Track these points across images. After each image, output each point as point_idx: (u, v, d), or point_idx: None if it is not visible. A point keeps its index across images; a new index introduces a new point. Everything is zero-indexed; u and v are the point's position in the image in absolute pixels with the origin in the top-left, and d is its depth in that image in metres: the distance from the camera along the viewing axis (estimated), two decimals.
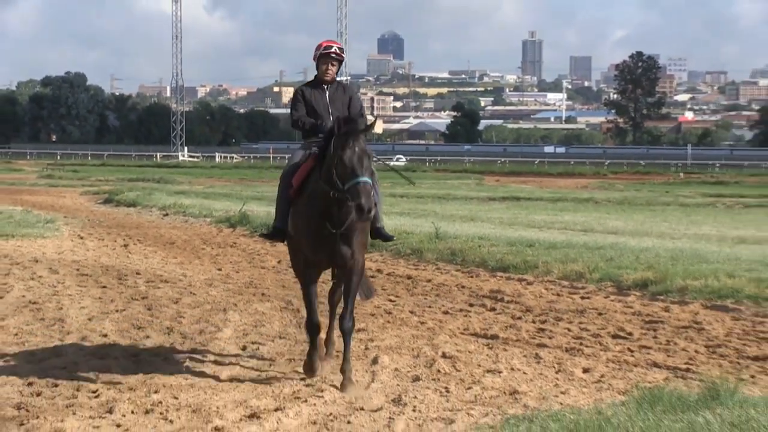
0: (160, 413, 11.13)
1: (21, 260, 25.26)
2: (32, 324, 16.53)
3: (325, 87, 12.24)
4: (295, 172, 11.95)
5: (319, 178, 11.47)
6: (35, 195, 53.73)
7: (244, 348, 14.74)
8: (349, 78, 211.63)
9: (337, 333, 13.68)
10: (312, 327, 12.27)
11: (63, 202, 48.85)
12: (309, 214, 11.49)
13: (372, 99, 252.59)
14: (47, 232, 32.59)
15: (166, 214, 40.72)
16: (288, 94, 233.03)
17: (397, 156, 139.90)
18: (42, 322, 16.80)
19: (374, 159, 11.80)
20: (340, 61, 12.36)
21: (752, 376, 13.02)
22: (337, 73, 12.37)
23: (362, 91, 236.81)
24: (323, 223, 11.30)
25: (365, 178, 10.39)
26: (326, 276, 13.52)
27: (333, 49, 12.02)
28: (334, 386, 12.09)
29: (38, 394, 11.96)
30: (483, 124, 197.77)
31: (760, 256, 24.31)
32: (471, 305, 18.48)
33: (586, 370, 13.50)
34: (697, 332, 16.07)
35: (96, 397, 11.86)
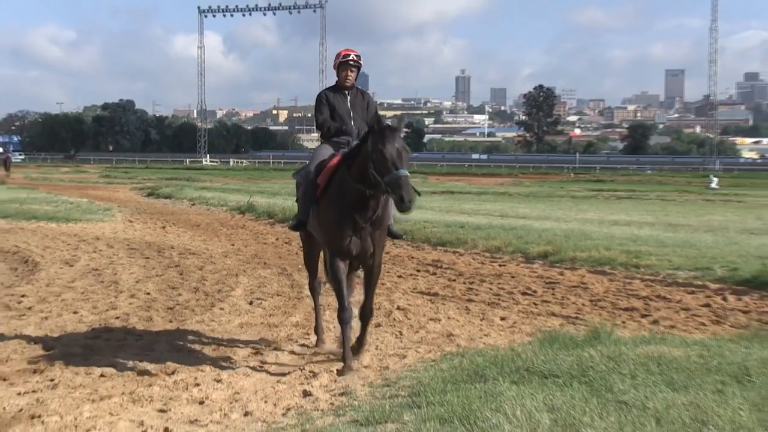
0: (189, 351, 11.12)
1: (86, 238, 25.14)
2: (94, 285, 16.46)
3: (346, 93, 10.92)
4: (321, 170, 10.48)
5: (348, 176, 9.99)
6: (96, 190, 53.40)
7: (251, 302, 14.67)
8: None
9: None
10: (345, 318, 10.23)
11: (117, 195, 48.55)
12: (339, 209, 9.97)
13: None
14: (105, 217, 32.40)
15: (193, 204, 40.49)
16: (283, 115, 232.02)
17: None
18: (101, 283, 16.74)
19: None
20: (359, 68, 10.93)
21: (623, 322, 13.11)
22: (355, 79, 11.02)
23: None
24: (353, 216, 9.86)
25: (405, 172, 9.14)
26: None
27: (351, 57, 10.70)
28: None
29: (98, 337, 11.93)
30: (427, 137, 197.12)
31: (629, 234, 24.42)
32: (418, 271, 18.50)
33: (502, 318, 13.57)
34: (584, 290, 16.12)
35: (141, 339, 11.84)
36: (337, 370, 10.16)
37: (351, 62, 10.68)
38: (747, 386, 8.53)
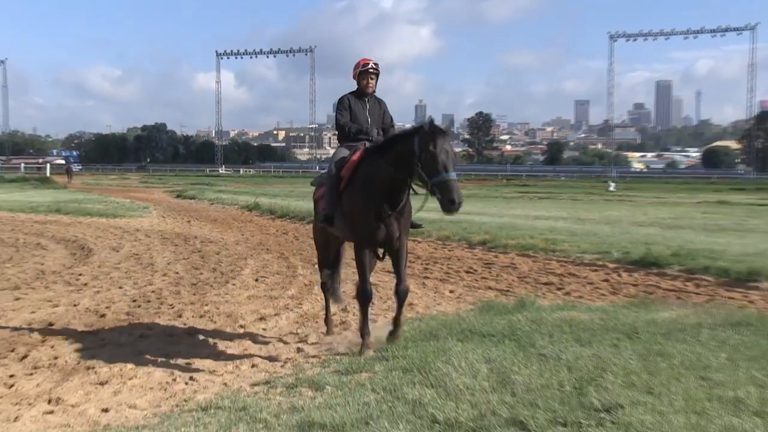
0: (209, 317, 11.11)
1: (128, 230, 25.01)
2: (135, 266, 16.38)
3: (366, 99, 9.57)
4: (343, 166, 9.10)
5: (386, 165, 8.55)
6: (136, 193, 53.25)
7: (256, 279, 14.63)
8: (320, 125, 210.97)
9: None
10: (365, 295, 9.02)
11: (152, 196, 48.36)
12: (367, 198, 8.62)
13: (333, 137, 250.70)
14: (143, 214, 32.32)
15: (212, 203, 40.34)
16: (281, 134, 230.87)
17: None
18: (140, 265, 16.66)
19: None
20: (377, 75, 9.63)
21: (543, 294, 13.04)
22: (375, 85, 9.68)
23: (317, 123, 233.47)
24: (382, 205, 8.55)
25: (454, 175, 7.93)
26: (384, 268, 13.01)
27: (370, 66, 9.49)
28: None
29: (138, 306, 11.91)
30: None
31: (547, 226, 24.45)
32: (385, 254, 18.45)
33: (451, 291, 13.60)
34: (513, 269, 16.10)
35: (172, 308, 11.80)
36: (359, 349, 8.91)
37: (371, 70, 9.52)
38: (635, 341, 8.64)
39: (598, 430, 5.79)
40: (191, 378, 8.10)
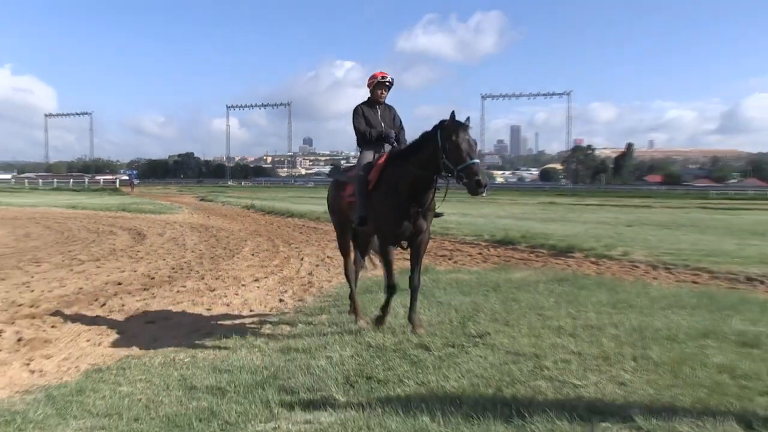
0: (222, 279, 10.96)
1: (169, 222, 24.56)
2: (173, 246, 16.11)
3: (377, 107, 7.89)
4: (370, 170, 7.39)
5: (410, 167, 6.85)
6: (174, 198, 52.57)
7: (253, 254, 14.45)
8: (294, 153, 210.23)
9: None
10: (393, 289, 7.23)
11: (184, 200, 47.73)
12: (395, 199, 6.90)
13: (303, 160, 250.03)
14: (178, 211, 31.82)
15: (223, 204, 39.86)
16: (268, 159, 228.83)
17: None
18: (177, 245, 16.37)
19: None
20: (390, 87, 7.89)
21: (440, 263, 12.87)
22: (387, 95, 7.93)
23: (293, 152, 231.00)
24: (409, 206, 6.87)
25: (477, 160, 6.46)
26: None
27: (387, 79, 7.81)
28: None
29: (175, 272, 11.70)
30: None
31: (442, 219, 24.40)
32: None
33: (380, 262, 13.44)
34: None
35: (197, 273, 11.63)
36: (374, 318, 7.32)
37: (387, 83, 7.83)
38: (498, 292, 8.70)
39: (475, 349, 5.86)
40: (210, 318, 8.06)
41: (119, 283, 10.55)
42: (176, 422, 4.44)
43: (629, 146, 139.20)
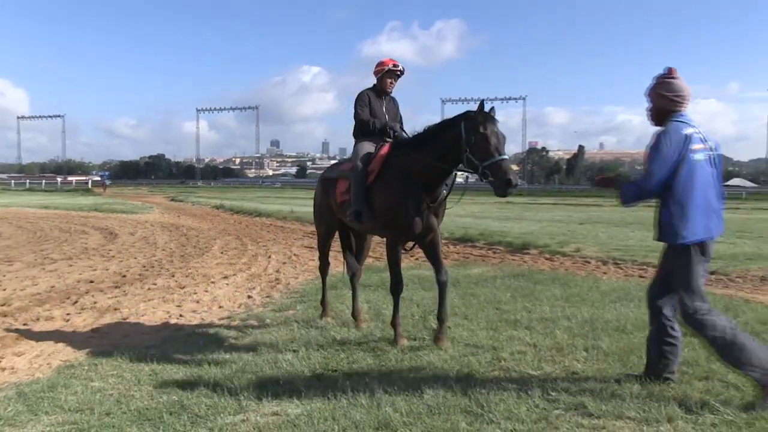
0: (192, 277, 10.84)
1: (140, 221, 24.22)
2: (145, 245, 15.90)
3: (384, 98, 6.81)
4: (371, 160, 6.36)
5: (414, 159, 5.90)
6: (145, 198, 51.90)
7: (222, 252, 14.33)
8: (262, 155, 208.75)
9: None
10: (399, 289, 6.27)
11: (155, 200, 47.13)
12: (406, 191, 5.89)
13: (271, 161, 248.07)
14: (150, 211, 31.42)
15: (193, 204, 39.48)
16: (237, 161, 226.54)
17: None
18: (148, 244, 16.15)
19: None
20: (400, 77, 6.83)
21: (401, 259, 12.89)
22: (395, 86, 6.89)
23: (260, 153, 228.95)
24: (421, 198, 5.88)
25: (506, 156, 5.43)
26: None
27: (399, 68, 6.72)
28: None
29: (147, 270, 11.53)
30: (310, 173, 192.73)
31: None
32: (304, 236, 18.27)
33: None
34: (378, 244, 16.03)
35: (168, 271, 11.49)
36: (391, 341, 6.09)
37: (398, 73, 6.77)
38: (458, 287, 8.72)
39: (433, 344, 5.88)
40: (181, 315, 7.96)
41: (91, 281, 10.37)
42: (147, 416, 4.38)
43: (581, 148, 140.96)
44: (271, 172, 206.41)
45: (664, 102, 4.64)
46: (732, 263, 11.44)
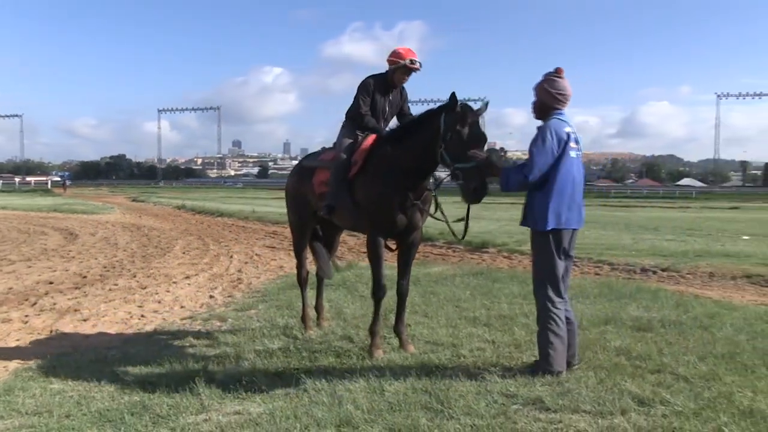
0: (153, 277, 10.69)
1: (101, 222, 23.80)
2: (106, 246, 15.63)
3: (391, 91, 5.99)
4: (354, 152, 5.75)
5: (399, 152, 5.38)
6: (106, 198, 50.93)
7: (184, 252, 14.16)
8: (223, 155, 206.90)
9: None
10: (381, 292, 5.69)
11: (117, 200, 46.31)
12: (389, 185, 5.37)
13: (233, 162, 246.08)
14: (111, 211, 30.88)
15: (155, 204, 38.89)
16: (199, 161, 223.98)
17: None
18: (109, 244, 15.88)
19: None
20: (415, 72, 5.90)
21: (363, 259, 12.84)
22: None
23: (222, 154, 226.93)
24: (406, 193, 5.38)
25: (485, 155, 4.96)
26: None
27: (417, 66, 5.79)
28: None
29: (108, 271, 11.34)
30: (271, 173, 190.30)
31: None
32: (265, 236, 18.16)
33: (309, 259, 13.36)
34: (344, 244, 15.91)
35: (129, 272, 11.32)
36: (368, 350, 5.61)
37: (415, 70, 5.85)
38: (418, 285, 8.71)
39: (396, 341, 5.87)
40: (142, 315, 7.84)
41: (50, 283, 10.16)
42: (108, 417, 4.30)
43: (501, 149, 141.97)
44: (233, 173, 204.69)
45: (548, 98, 4.89)
46: (683, 260, 11.69)
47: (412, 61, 5.77)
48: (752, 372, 4.85)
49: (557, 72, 4.90)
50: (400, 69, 5.84)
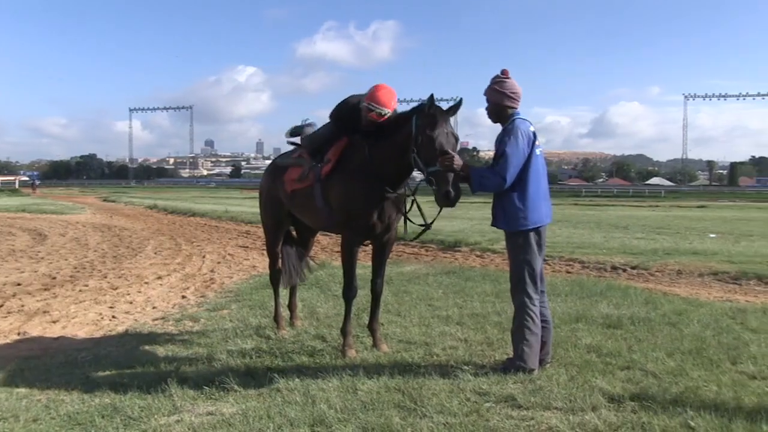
0: (125, 278, 10.57)
1: (71, 222, 23.47)
2: (76, 246, 15.42)
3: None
4: (329, 150, 5.58)
5: (374, 152, 5.23)
6: (77, 198, 50.31)
7: (155, 253, 14.02)
8: (196, 154, 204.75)
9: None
10: (352, 292, 5.61)
11: (87, 200, 45.75)
12: (366, 186, 5.22)
13: (205, 161, 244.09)
14: (81, 211, 30.51)
15: (126, 204, 38.49)
16: (171, 161, 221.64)
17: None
18: (79, 244, 15.67)
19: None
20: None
21: (336, 258, 12.79)
22: None
23: (195, 153, 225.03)
24: (382, 193, 5.22)
25: (455, 155, 4.78)
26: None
27: (385, 116, 5.24)
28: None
29: (78, 272, 11.18)
30: (244, 173, 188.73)
31: None
32: (238, 236, 18.06)
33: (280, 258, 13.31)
34: (317, 243, 15.88)
35: (100, 272, 11.17)
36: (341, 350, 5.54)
37: (379, 121, 5.26)
38: (391, 285, 8.72)
39: (369, 339, 5.86)
40: (113, 317, 7.75)
41: (18, 284, 9.99)
42: (78, 420, 4.24)
43: (472, 150, 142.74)
44: (205, 172, 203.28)
45: (501, 98, 4.95)
46: (652, 258, 11.84)
47: (379, 114, 5.25)
48: (717, 366, 4.94)
49: (503, 73, 4.99)
50: (369, 112, 5.30)
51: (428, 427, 3.88)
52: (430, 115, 4.88)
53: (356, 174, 5.35)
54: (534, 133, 4.91)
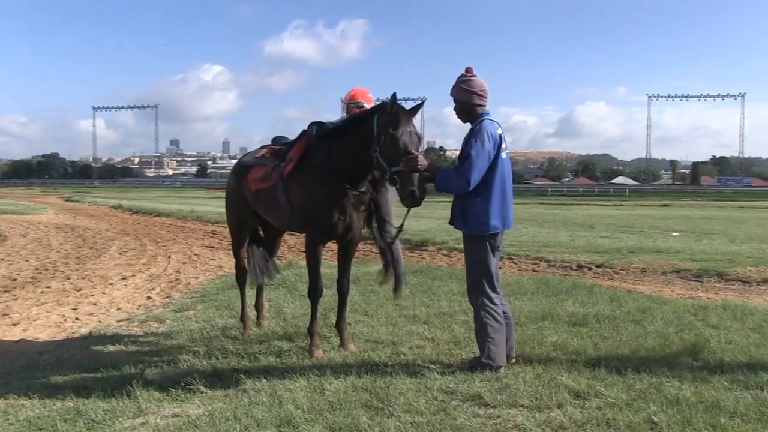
0: (89, 279, 10.43)
1: (33, 222, 23.07)
2: (38, 247, 15.16)
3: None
4: (291, 149, 5.57)
5: (337, 154, 5.19)
6: (38, 198, 49.44)
7: (120, 253, 13.84)
8: (161, 154, 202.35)
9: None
10: (318, 292, 5.61)
11: (50, 200, 44.99)
12: (327, 185, 5.19)
13: (171, 161, 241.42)
14: (43, 212, 29.99)
15: (90, 204, 37.90)
16: (136, 160, 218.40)
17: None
18: (41, 245, 15.41)
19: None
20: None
21: (302, 258, 12.80)
22: None
23: (161, 153, 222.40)
24: (343, 193, 5.20)
25: (419, 155, 4.79)
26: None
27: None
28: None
29: (40, 273, 11.00)
30: (210, 172, 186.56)
31: None
32: (204, 236, 17.89)
33: (246, 258, 13.22)
34: (284, 243, 15.75)
35: (63, 273, 10.99)
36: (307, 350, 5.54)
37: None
38: (358, 284, 8.67)
39: (336, 339, 5.86)
40: (77, 318, 7.64)
41: None
42: (39, 425, 4.16)
43: (437, 150, 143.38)
44: (171, 172, 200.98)
45: (469, 96, 4.95)
46: (617, 256, 12.00)
47: (350, 104, 5.93)
48: (680, 362, 5.02)
49: (468, 71, 4.99)
50: (350, 108, 5.93)
51: (395, 427, 3.89)
52: (392, 113, 4.83)
53: (317, 173, 5.32)
54: (501, 136, 4.87)
